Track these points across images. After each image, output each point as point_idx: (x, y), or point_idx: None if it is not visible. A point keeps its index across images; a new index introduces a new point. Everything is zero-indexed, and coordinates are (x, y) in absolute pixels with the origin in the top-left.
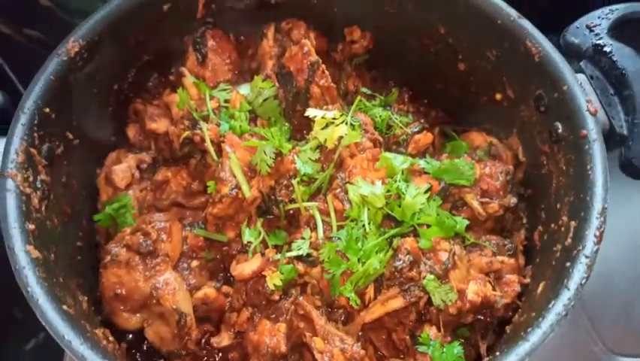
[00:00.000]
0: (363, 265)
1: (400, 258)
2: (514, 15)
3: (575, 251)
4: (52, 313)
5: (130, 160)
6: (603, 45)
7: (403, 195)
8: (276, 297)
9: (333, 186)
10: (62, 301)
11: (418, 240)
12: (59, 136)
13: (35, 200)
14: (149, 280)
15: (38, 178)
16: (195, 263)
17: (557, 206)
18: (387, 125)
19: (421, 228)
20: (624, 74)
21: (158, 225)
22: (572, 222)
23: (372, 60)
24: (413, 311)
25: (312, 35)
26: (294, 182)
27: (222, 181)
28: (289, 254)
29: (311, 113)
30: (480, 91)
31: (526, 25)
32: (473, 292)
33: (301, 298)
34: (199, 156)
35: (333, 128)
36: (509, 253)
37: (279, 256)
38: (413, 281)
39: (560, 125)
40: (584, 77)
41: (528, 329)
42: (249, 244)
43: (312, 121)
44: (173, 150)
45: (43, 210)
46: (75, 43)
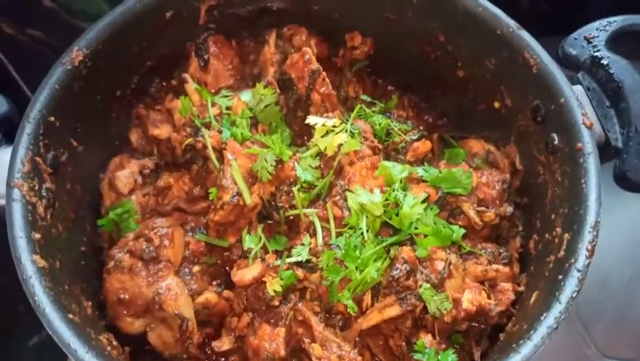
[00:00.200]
0: (361, 273)
1: (397, 267)
2: (514, 26)
3: (567, 264)
4: (58, 322)
5: (133, 166)
6: (601, 57)
7: (401, 204)
8: (275, 303)
9: (332, 193)
10: (68, 309)
11: (415, 248)
12: (64, 143)
13: (41, 208)
14: (152, 286)
15: (44, 186)
16: (197, 268)
17: (552, 217)
18: (387, 133)
19: (418, 237)
20: (620, 87)
21: (160, 231)
22: (566, 235)
23: (372, 66)
24: (409, 318)
25: (313, 41)
26: (295, 189)
27: (224, 189)
28: (289, 260)
29: (311, 120)
30: (479, 98)
31: (525, 36)
32: (468, 301)
33: (300, 303)
34: (201, 161)
35: (333, 136)
36: (504, 261)
37: (279, 261)
38: (409, 290)
39: (556, 136)
40: (580, 88)
41: (520, 341)
42: (250, 250)
43: (312, 128)
44: (176, 156)
45: (48, 218)
46: (79, 52)
